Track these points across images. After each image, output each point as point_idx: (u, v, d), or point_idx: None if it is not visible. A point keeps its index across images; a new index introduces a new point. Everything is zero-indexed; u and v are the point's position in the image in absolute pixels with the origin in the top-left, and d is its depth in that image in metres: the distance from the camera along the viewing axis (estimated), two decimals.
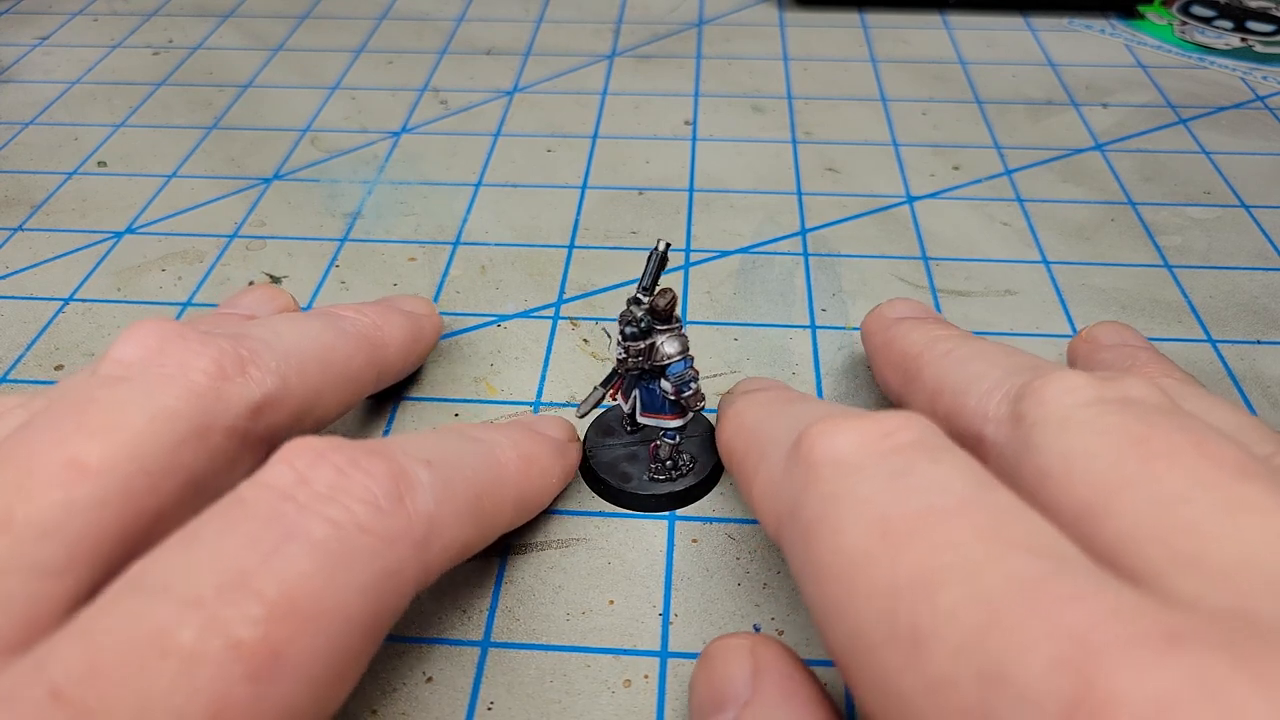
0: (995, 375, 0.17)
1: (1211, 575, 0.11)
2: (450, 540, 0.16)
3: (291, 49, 0.43)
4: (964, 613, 0.11)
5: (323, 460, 0.14)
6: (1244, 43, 0.42)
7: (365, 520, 0.14)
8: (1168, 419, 0.14)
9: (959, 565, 0.11)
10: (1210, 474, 0.12)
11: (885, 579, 0.12)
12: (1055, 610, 0.10)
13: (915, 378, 0.20)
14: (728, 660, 0.15)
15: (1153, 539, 0.12)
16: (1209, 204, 0.32)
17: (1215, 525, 0.11)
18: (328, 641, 0.13)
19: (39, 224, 0.32)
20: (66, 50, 0.43)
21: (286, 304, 0.24)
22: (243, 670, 0.12)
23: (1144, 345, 0.23)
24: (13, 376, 0.25)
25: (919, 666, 0.11)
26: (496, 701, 0.18)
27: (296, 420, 0.19)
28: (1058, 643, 0.10)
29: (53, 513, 0.14)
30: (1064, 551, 0.11)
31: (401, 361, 0.23)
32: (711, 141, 0.35)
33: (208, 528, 0.13)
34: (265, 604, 0.12)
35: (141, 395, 0.16)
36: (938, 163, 0.34)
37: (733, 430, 0.19)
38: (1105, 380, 0.15)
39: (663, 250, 0.20)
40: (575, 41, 0.43)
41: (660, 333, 0.20)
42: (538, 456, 0.20)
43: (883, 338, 0.22)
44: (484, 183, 0.33)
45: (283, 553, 0.13)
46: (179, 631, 0.12)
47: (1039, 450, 0.14)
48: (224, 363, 0.17)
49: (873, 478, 0.13)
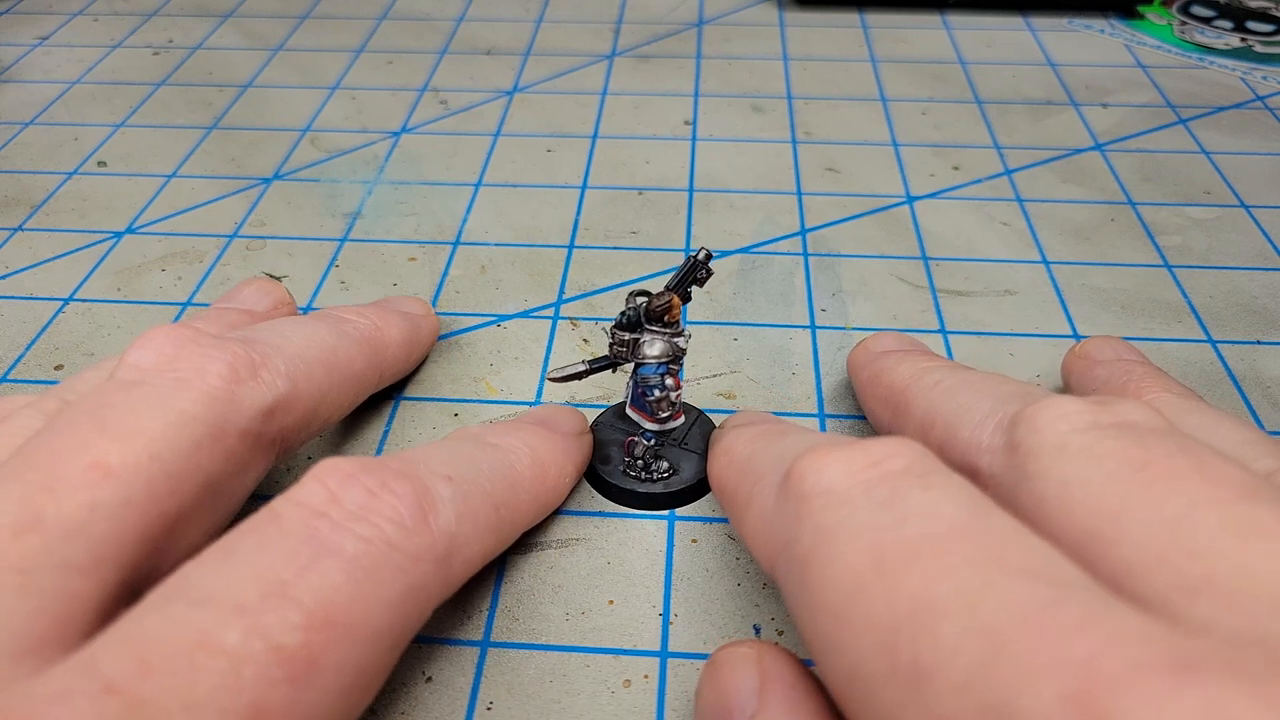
0: (987, 405, 0.17)
1: (1221, 599, 0.11)
2: (471, 554, 0.16)
3: (291, 49, 0.43)
4: (966, 645, 0.10)
5: (354, 480, 0.15)
6: (1244, 43, 0.42)
7: (393, 538, 0.15)
8: (1166, 442, 0.13)
9: (957, 594, 0.11)
10: (1212, 495, 0.12)
11: (882, 611, 0.11)
12: (1061, 640, 0.10)
13: (905, 411, 0.19)
14: (735, 670, 0.15)
15: (1158, 564, 0.11)
16: (1209, 204, 0.32)
17: (1223, 548, 0.11)
18: (357, 652, 0.13)
19: (39, 224, 0.32)
20: (66, 50, 0.43)
21: (282, 297, 0.24)
22: (283, 674, 0.12)
23: (1139, 359, 0.22)
24: (13, 376, 0.25)
25: (922, 703, 0.10)
26: (496, 701, 0.18)
27: (305, 421, 0.19)
28: (1066, 675, 0.09)
29: (80, 513, 0.14)
30: (1066, 576, 0.11)
31: (401, 362, 0.23)
32: (711, 141, 0.35)
33: (245, 541, 0.14)
34: (304, 613, 0.13)
35: (158, 399, 0.16)
36: (938, 163, 0.34)
37: (723, 465, 0.19)
38: (1100, 404, 0.14)
39: (698, 257, 0.19)
40: (575, 41, 0.43)
41: (652, 333, 0.20)
42: (553, 459, 0.20)
43: (870, 372, 0.22)
44: (484, 183, 0.33)
45: (318, 567, 0.13)
46: (225, 634, 0.12)
47: (1036, 478, 0.14)
48: (237, 367, 0.17)
49: (864, 508, 0.13)
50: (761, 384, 0.25)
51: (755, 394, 0.25)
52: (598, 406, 0.24)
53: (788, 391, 0.25)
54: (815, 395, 0.25)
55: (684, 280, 0.20)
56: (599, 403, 0.24)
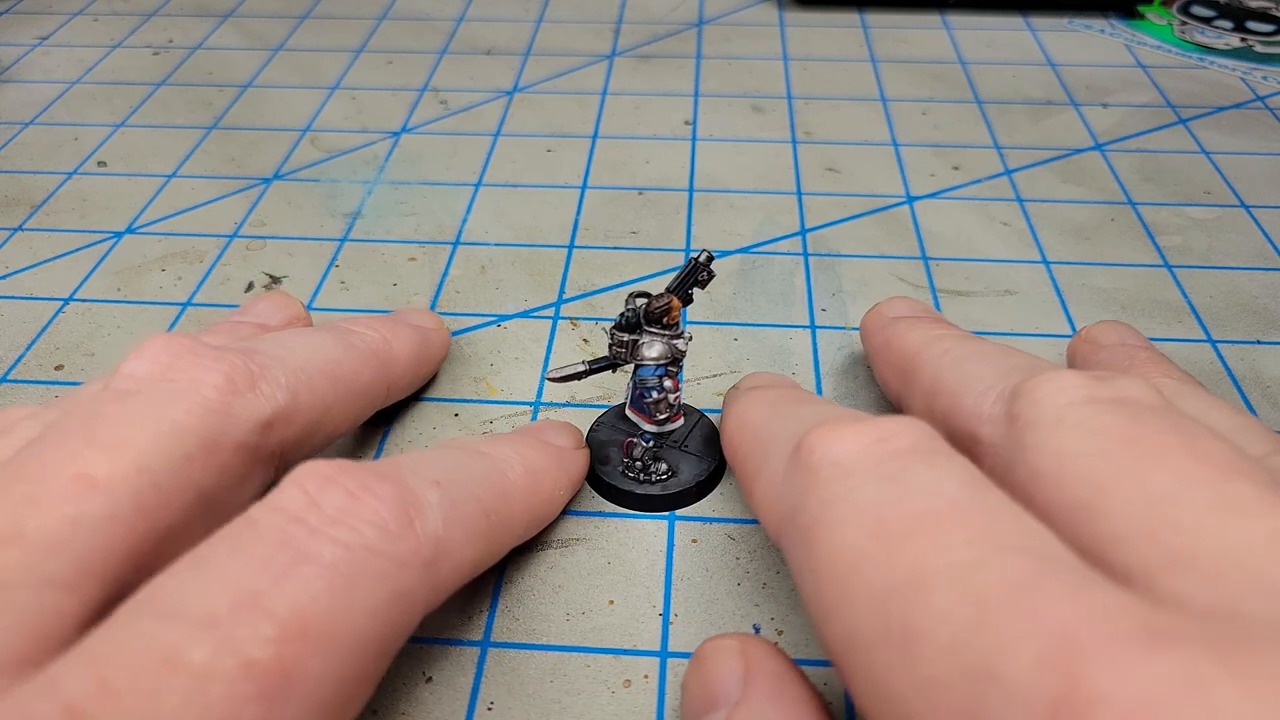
0: (991, 375, 0.17)
1: (1199, 574, 0.11)
2: (459, 561, 0.16)
3: (291, 49, 0.43)
4: (954, 612, 0.11)
5: (333, 484, 0.14)
6: (1244, 43, 0.42)
7: (375, 543, 0.14)
8: (1160, 419, 0.14)
9: (951, 566, 0.11)
10: (1200, 473, 0.12)
11: (880, 580, 0.12)
12: (1042, 609, 0.10)
13: (913, 378, 0.20)
14: (719, 661, 0.16)
15: (1142, 538, 0.12)
16: (1209, 204, 0.32)
17: (1204, 524, 0.11)
18: (338, 662, 0.13)
19: (39, 224, 0.32)
20: (66, 50, 0.43)
21: (297, 312, 0.24)
22: (255, 689, 0.12)
23: (1144, 345, 0.23)
24: (13, 376, 0.25)
25: (911, 666, 0.11)
26: (496, 701, 0.18)
27: (307, 435, 0.19)
28: (1044, 640, 0.10)
29: (62, 527, 0.14)
30: (1053, 552, 0.11)
31: (410, 376, 0.23)
32: (711, 141, 0.35)
33: (219, 549, 0.13)
34: (277, 624, 0.12)
35: (151, 410, 0.16)
36: (938, 163, 0.34)
37: (736, 427, 0.19)
38: (1099, 380, 0.15)
39: (700, 259, 0.19)
40: (575, 41, 0.43)
41: (652, 334, 0.20)
42: (545, 470, 0.19)
43: (881, 337, 0.22)
44: (484, 183, 0.33)
45: (294, 575, 0.13)
46: (191, 650, 0.12)
47: (1032, 449, 0.14)
48: (234, 378, 0.17)
49: (870, 481, 0.13)
50: None
51: None
52: (598, 407, 0.24)
53: None
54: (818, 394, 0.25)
55: (685, 282, 0.20)
56: (599, 403, 0.24)
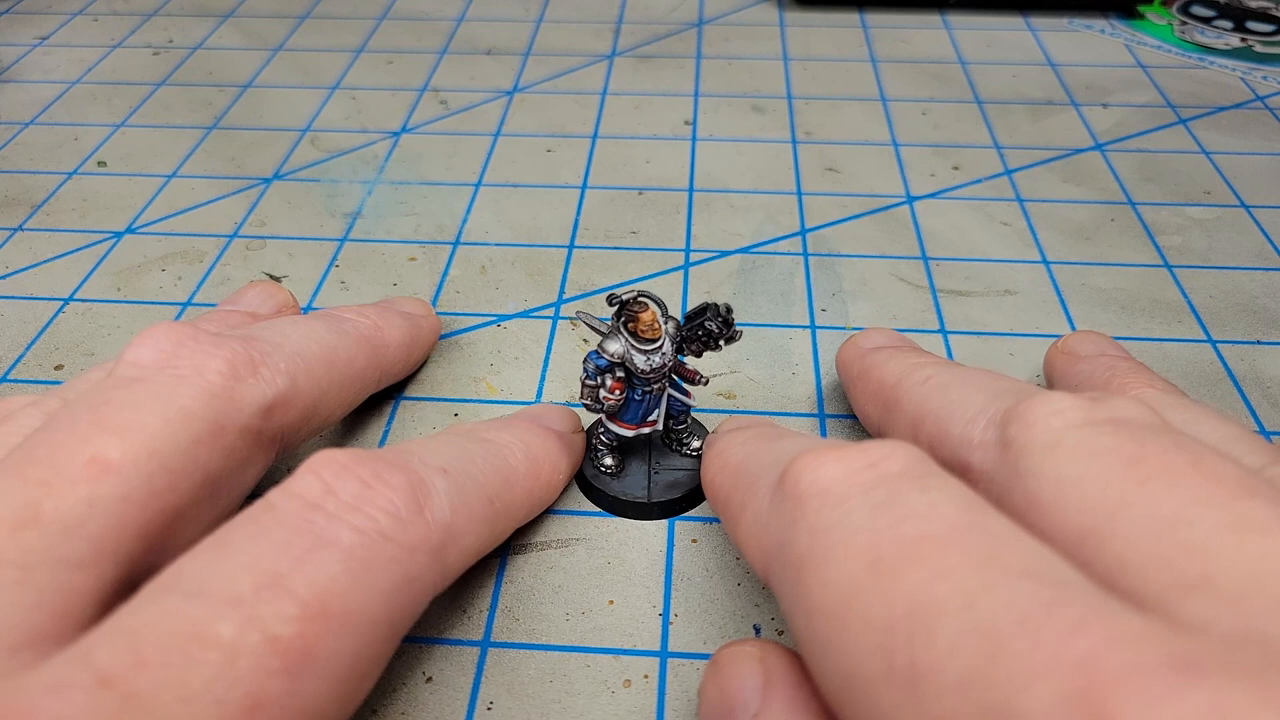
0: (979, 401, 0.16)
1: (1219, 597, 0.10)
2: (466, 545, 0.17)
3: (291, 49, 0.43)
4: (964, 646, 0.10)
5: (348, 472, 0.15)
6: (1244, 43, 0.42)
7: (388, 529, 0.15)
8: (1161, 438, 0.13)
9: (954, 595, 0.11)
10: (1211, 493, 0.12)
11: (878, 612, 0.11)
12: (1059, 640, 0.10)
13: (895, 407, 0.19)
14: (738, 668, 0.15)
15: (1156, 561, 0.11)
16: (1209, 204, 0.32)
17: (1220, 545, 0.11)
18: (353, 642, 0.14)
19: (39, 224, 0.32)
20: (66, 50, 0.43)
21: (285, 300, 0.25)
22: (279, 665, 0.13)
23: (1122, 355, 0.22)
24: (13, 376, 0.25)
25: (918, 705, 0.10)
26: (496, 701, 0.18)
27: (305, 419, 0.19)
28: (1065, 675, 0.09)
29: (78, 508, 0.14)
30: (1064, 576, 0.11)
31: (401, 362, 0.23)
32: (711, 141, 0.35)
33: (240, 533, 0.14)
34: (299, 604, 0.13)
35: (157, 396, 0.16)
36: (938, 163, 0.34)
37: (717, 468, 0.19)
38: (1094, 400, 0.14)
39: (716, 307, 0.19)
40: (575, 41, 0.43)
41: (620, 332, 0.20)
42: (546, 454, 0.20)
43: (859, 367, 0.22)
44: (484, 183, 0.33)
45: (314, 557, 0.14)
46: (220, 626, 0.12)
47: (1029, 475, 0.14)
48: (237, 364, 0.17)
49: (860, 508, 0.13)
50: (761, 384, 0.25)
51: (755, 394, 0.25)
52: None
53: (788, 391, 0.25)
54: (815, 395, 0.25)
55: (693, 323, 0.19)
56: None
